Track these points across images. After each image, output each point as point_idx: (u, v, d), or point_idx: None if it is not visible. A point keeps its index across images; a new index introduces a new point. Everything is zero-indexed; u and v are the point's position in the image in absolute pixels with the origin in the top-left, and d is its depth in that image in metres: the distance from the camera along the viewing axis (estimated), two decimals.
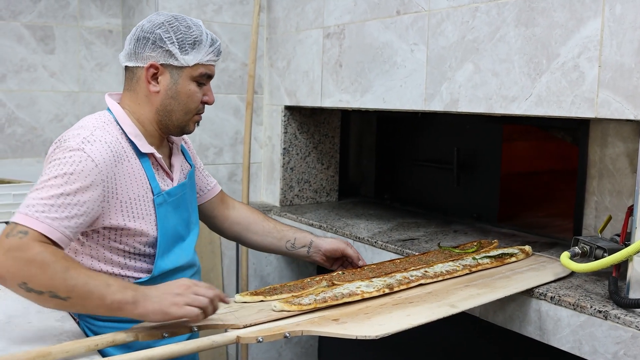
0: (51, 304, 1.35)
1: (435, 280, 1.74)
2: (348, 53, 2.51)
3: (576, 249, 1.80)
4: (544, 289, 1.71)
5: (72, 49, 3.24)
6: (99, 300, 1.35)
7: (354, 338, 1.37)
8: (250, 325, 1.43)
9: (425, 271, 1.78)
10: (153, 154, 1.61)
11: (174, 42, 1.57)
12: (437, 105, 2.11)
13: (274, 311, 1.50)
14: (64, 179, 1.42)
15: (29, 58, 3.12)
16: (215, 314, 1.47)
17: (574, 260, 1.75)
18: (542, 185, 2.80)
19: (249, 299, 1.59)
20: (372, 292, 1.61)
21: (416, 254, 2.03)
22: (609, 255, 1.67)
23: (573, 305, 1.61)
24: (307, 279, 1.74)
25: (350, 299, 1.57)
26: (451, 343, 2.45)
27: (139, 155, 1.59)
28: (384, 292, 1.63)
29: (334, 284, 1.68)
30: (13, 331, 1.45)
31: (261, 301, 1.59)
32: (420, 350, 2.56)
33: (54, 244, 1.38)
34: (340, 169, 3.21)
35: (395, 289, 1.65)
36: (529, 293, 1.71)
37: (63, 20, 3.20)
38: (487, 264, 1.89)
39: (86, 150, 1.46)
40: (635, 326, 1.48)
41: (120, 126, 1.58)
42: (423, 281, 1.72)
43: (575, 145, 2.24)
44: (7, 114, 3.08)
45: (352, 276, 1.76)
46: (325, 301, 1.54)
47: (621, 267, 1.69)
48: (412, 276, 1.73)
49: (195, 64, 1.61)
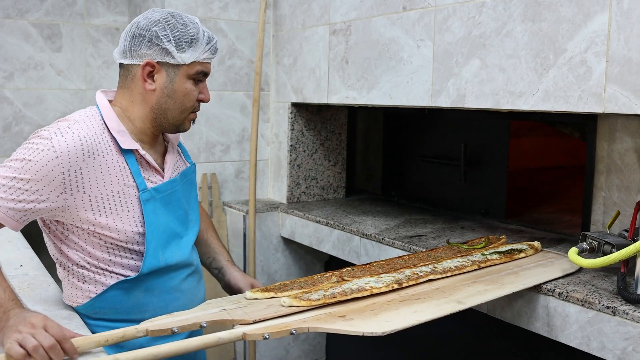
0: None
1: (444, 276, 1.74)
2: (354, 49, 2.51)
3: (584, 245, 1.79)
4: (552, 285, 1.71)
5: (79, 46, 3.24)
6: None
7: (361, 334, 1.37)
8: (259, 320, 1.42)
9: (434, 267, 1.77)
10: (137, 150, 1.58)
11: (170, 40, 1.55)
12: (444, 101, 2.10)
13: (283, 306, 1.50)
14: (22, 164, 1.43)
15: (36, 56, 3.13)
16: (225, 309, 1.48)
17: (582, 256, 1.74)
18: (550, 181, 2.79)
19: (259, 295, 1.59)
20: (381, 288, 1.61)
21: (424, 250, 2.02)
22: (617, 251, 1.66)
23: (581, 301, 1.61)
24: (317, 276, 1.74)
25: (359, 295, 1.57)
26: (459, 339, 2.44)
27: (123, 151, 1.56)
28: (392, 288, 1.62)
29: (343, 279, 1.68)
30: None
31: (272, 297, 1.58)
32: (428, 347, 2.55)
33: None
34: (347, 166, 3.21)
35: (404, 285, 1.65)
36: (537, 289, 1.71)
37: (70, 18, 3.20)
38: (496, 259, 1.88)
39: (53, 141, 1.45)
40: None
41: (104, 121, 1.56)
42: (432, 277, 1.71)
43: (583, 141, 2.23)
44: (15, 112, 3.09)
45: (362, 272, 1.75)
46: (334, 297, 1.54)
47: (629, 263, 1.69)
48: (421, 272, 1.73)
49: (192, 62, 1.58)
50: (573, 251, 1.74)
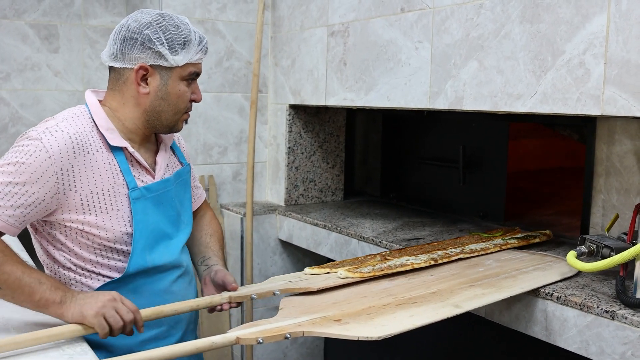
0: None
1: (472, 255, 1.97)
2: (352, 51, 2.49)
3: (582, 248, 1.78)
4: (550, 288, 1.69)
5: (77, 47, 3.23)
6: (28, 296, 1.38)
7: (356, 339, 1.35)
8: (323, 288, 1.67)
9: (462, 249, 2.01)
10: (126, 147, 1.57)
11: (163, 43, 1.54)
12: (442, 103, 2.09)
13: (340, 278, 1.73)
14: (15, 167, 1.42)
15: (33, 57, 3.11)
16: (290, 281, 1.72)
17: (581, 260, 1.72)
18: (549, 183, 2.77)
19: (317, 271, 1.82)
20: (420, 264, 1.85)
21: (450, 239, 2.23)
22: (615, 254, 1.64)
23: (580, 305, 1.59)
24: (361, 257, 1.98)
25: (402, 269, 1.81)
26: (458, 343, 2.43)
27: (113, 149, 1.55)
28: (429, 264, 1.86)
29: (385, 259, 1.89)
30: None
31: (327, 273, 1.81)
32: (427, 350, 2.54)
33: None
34: (345, 168, 3.20)
35: (439, 262, 1.89)
36: (535, 293, 1.69)
37: (67, 19, 3.19)
38: (515, 243, 2.10)
39: (43, 141, 1.44)
40: None
41: (93, 119, 1.55)
42: (461, 256, 1.95)
43: (582, 143, 2.21)
44: (11, 113, 3.08)
45: (399, 254, 1.96)
46: (382, 270, 1.78)
47: (628, 267, 1.67)
48: (452, 252, 1.96)
49: (184, 64, 1.58)
50: (572, 254, 1.72)
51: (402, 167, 3.08)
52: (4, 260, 1.38)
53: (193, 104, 1.67)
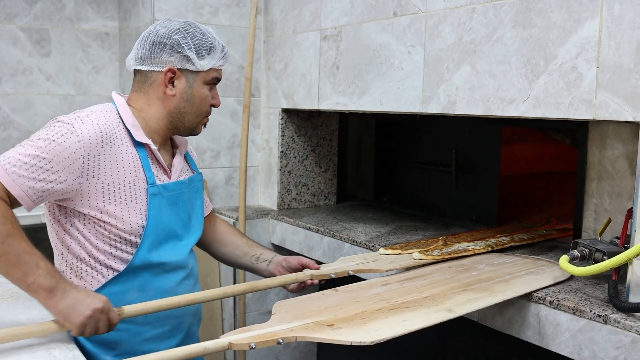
0: None
1: (521, 243, 2.20)
2: (345, 55, 2.49)
3: (575, 252, 1.78)
4: (543, 292, 1.69)
5: (68, 51, 3.22)
6: (22, 275, 1.39)
7: (349, 344, 1.35)
8: (390, 269, 1.91)
9: (512, 237, 2.23)
10: (149, 145, 1.64)
11: (191, 48, 1.63)
12: (435, 107, 2.09)
13: (414, 259, 1.95)
14: (46, 143, 1.48)
15: (25, 61, 3.10)
16: (360, 262, 1.96)
17: (573, 264, 1.72)
18: (542, 187, 2.78)
19: (390, 252, 2.07)
20: (480, 249, 2.07)
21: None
22: (608, 258, 1.64)
23: (572, 309, 1.59)
24: (423, 240, 2.23)
25: (465, 254, 2.03)
26: (452, 348, 2.43)
27: (136, 144, 1.62)
28: (487, 250, 2.08)
29: (447, 244, 2.12)
30: None
31: (399, 254, 2.04)
32: (421, 355, 2.54)
33: (14, 200, 1.45)
34: (338, 172, 3.19)
35: (495, 248, 2.11)
36: (528, 297, 1.69)
37: (59, 23, 3.18)
38: (555, 234, 2.34)
39: (75, 126, 1.51)
40: (636, 330, 1.46)
41: (120, 115, 1.63)
42: (513, 244, 2.17)
43: (574, 147, 2.22)
44: (3, 118, 3.06)
45: (456, 239, 2.21)
46: (449, 254, 2.00)
47: (621, 271, 1.67)
48: (504, 240, 2.19)
49: (209, 69, 1.67)
50: (564, 259, 1.72)
51: (395, 171, 3.08)
52: (12, 233, 1.40)
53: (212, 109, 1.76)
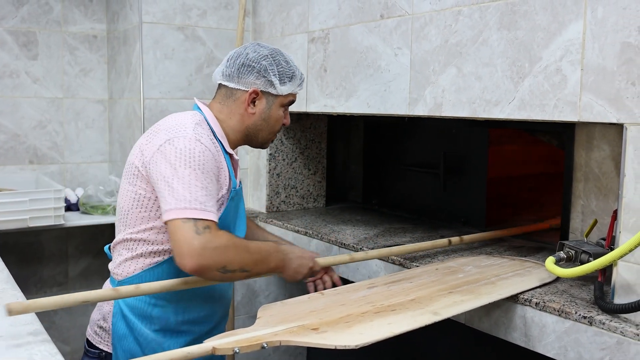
0: (237, 278, 1.63)
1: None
2: (332, 57, 2.49)
3: (561, 254, 1.78)
4: (529, 294, 1.69)
5: (56, 54, 3.21)
6: (265, 266, 1.68)
7: (333, 348, 1.34)
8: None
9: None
10: (232, 155, 1.81)
11: (276, 74, 1.78)
12: (421, 109, 2.08)
13: None
14: (200, 169, 1.59)
15: (12, 64, 3.09)
16: None
17: (559, 265, 1.73)
18: (530, 189, 2.78)
19: None
20: None
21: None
22: (594, 259, 1.65)
23: (558, 311, 1.59)
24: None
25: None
26: (441, 350, 2.43)
27: (224, 152, 1.77)
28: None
29: None
30: None
31: None
32: (410, 357, 2.53)
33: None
34: (327, 175, 3.19)
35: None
36: (514, 299, 1.69)
37: (46, 26, 3.17)
38: None
39: (202, 142, 1.64)
40: (621, 332, 1.46)
41: (210, 125, 1.76)
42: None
43: (561, 149, 2.22)
44: None
45: None
46: None
47: (607, 272, 1.68)
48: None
49: (287, 93, 1.83)
50: (550, 260, 1.73)
51: (384, 174, 3.08)
52: (244, 242, 1.63)
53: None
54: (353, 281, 2.18)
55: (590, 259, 1.71)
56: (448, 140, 2.68)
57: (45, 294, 3.22)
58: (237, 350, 1.32)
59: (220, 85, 1.84)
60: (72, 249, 3.33)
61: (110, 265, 1.80)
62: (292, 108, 2.73)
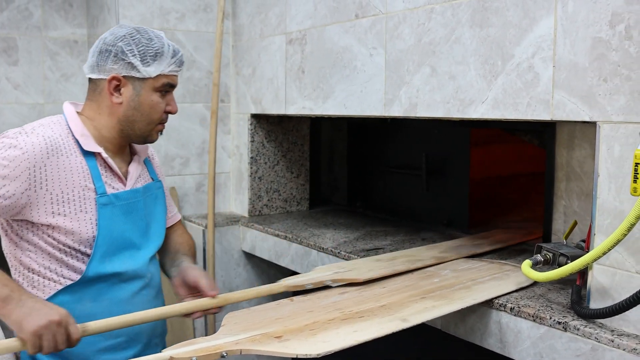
0: None
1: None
2: (310, 59, 2.44)
3: (538, 257, 1.73)
4: (505, 299, 1.64)
5: (37, 60, 3.17)
6: None
7: (295, 356, 1.30)
8: (370, 279, 1.79)
9: None
10: (100, 153, 1.63)
11: (135, 55, 1.61)
12: (397, 110, 2.04)
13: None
14: None
15: None
16: (337, 272, 1.84)
17: (537, 269, 1.68)
18: (513, 189, 2.74)
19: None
20: None
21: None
22: (571, 262, 1.60)
23: (532, 316, 1.54)
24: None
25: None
26: (428, 354, 2.38)
27: (85, 154, 1.61)
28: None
29: None
30: None
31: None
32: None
33: None
34: (311, 177, 3.14)
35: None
36: (489, 304, 1.64)
37: (26, 31, 3.13)
38: None
39: (18, 139, 1.51)
40: (595, 338, 1.41)
41: (69, 126, 1.61)
42: None
43: (542, 148, 2.18)
44: None
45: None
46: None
47: (585, 275, 1.62)
48: None
49: (157, 75, 1.64)
50: (526, 264, 1.68)
51: (368, 176, 3.03)
52: None
53: (171, 116, 1.73)
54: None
55: (568, 261, 1.66)
56: (430, 141, 2.63)
57: None
58: None
59: (89, 80, 1.68)
60: None
61: None
62: (272, 110, 2.70)
